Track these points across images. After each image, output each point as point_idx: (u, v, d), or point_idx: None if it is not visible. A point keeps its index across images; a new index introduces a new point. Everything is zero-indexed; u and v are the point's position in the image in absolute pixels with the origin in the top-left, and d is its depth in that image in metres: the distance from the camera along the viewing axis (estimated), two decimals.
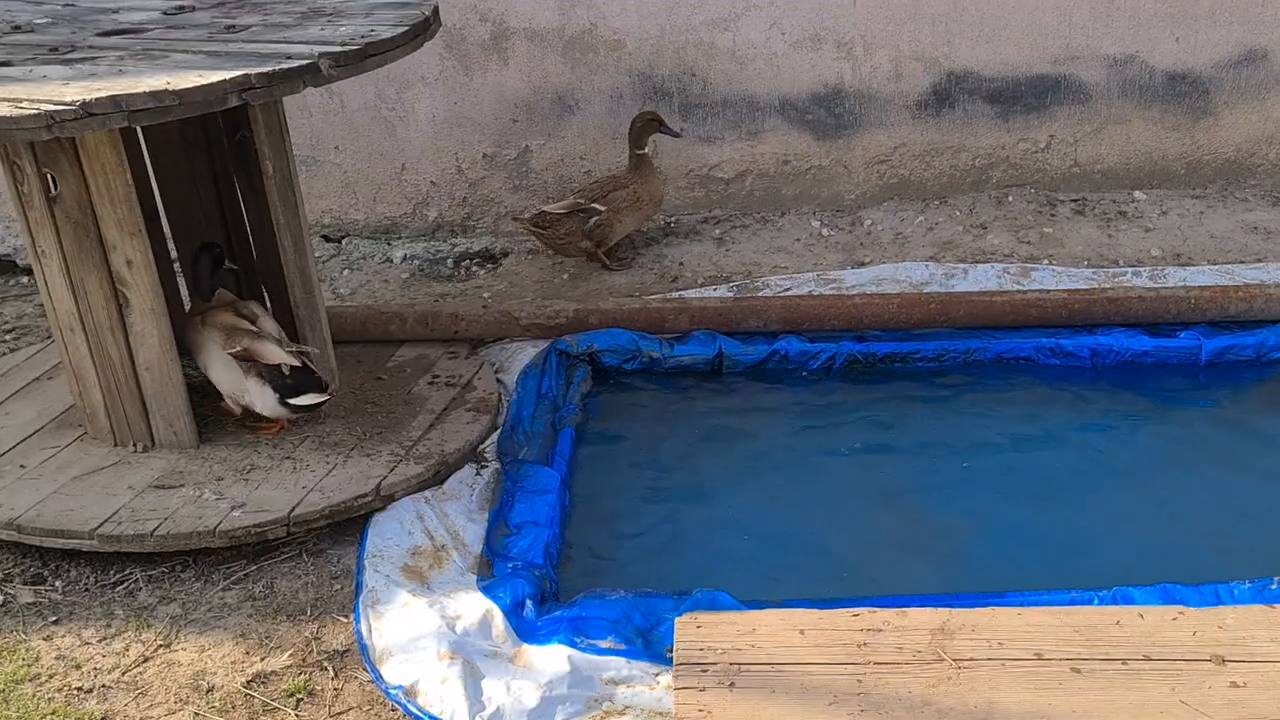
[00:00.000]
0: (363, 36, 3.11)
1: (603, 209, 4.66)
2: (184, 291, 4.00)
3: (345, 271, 4.97)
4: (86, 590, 3.07)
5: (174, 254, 4.00)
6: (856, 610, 2.64)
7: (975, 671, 2.44)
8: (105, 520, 3.13)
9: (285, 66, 2.88)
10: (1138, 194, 5.08)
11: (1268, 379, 3.99)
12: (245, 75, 2.82)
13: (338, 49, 3.01)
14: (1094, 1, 4.84)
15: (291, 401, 3.42)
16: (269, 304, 3.90)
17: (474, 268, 4.96)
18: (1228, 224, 4.87)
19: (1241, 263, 4.55)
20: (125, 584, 3.08)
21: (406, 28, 3.19)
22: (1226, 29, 4.88)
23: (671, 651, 2.58)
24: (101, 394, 3.43)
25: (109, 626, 2.94)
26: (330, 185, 5.09)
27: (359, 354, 4.06)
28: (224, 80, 2.79)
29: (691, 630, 2.59)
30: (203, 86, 2.77)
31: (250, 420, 3.56)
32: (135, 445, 3.46)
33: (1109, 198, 5.08)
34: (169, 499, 3.23)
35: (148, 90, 2.74)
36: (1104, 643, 2.51)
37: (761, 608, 2.74)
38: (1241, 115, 5.03)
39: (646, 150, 4.70)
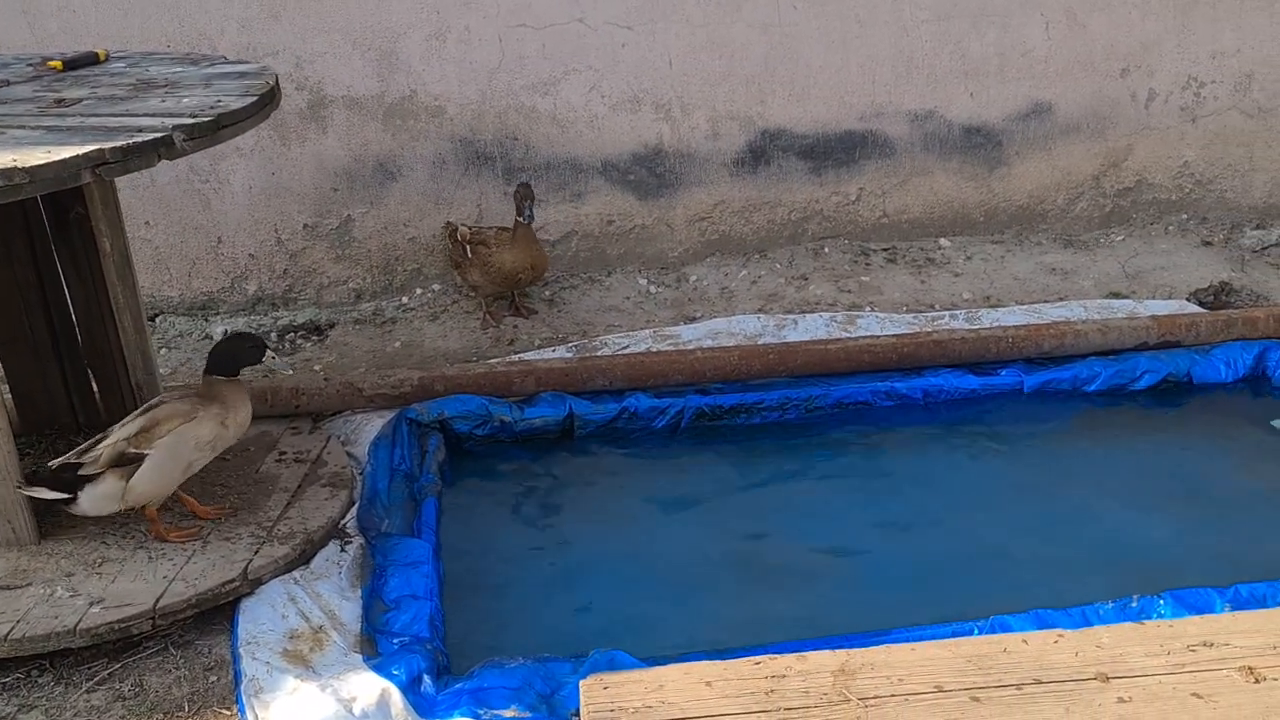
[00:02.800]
0: (212, 107, 3.02)
1: (469, 254, 4.72)
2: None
3: (163, 350, 4.77)
4: None
5: None
6: (757, 659, 2.68)
7: (883, 709, 2.50)
8: None
9: (139, 140, 2.76)
10: (943, 241, 5.35)
11: (1085, 408, 4.25)
12: (99, 150, 2.68)
13: (189, 121, 2.90)
14: (894, 60, 5.09)
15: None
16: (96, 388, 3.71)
17: (299, 340, 4.84)
18: (1028, 266, 5.17)
19: (1046, 302, 4.83)
20: None
21: (255, 97, 3.11)
22: (1015, 85, 5.21)
23: (577, 715, 2.56)
24: None
25: None
26: (141, 262, 4.87)
27: None
28: (77, 156, 2.65)
29: (599, 692, 2.57)
30: (55, 163, 2.63)
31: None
32: None
33: (917, 246, 5.33)
34: (18, 600, 3.02)
35: None
36: (997, 670, 2.61)
37: (659, 663, 2.74)
38: (1031, 164, 5.36)
39: (521, 219, 4.56)
